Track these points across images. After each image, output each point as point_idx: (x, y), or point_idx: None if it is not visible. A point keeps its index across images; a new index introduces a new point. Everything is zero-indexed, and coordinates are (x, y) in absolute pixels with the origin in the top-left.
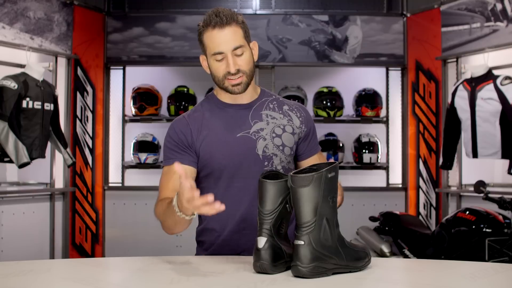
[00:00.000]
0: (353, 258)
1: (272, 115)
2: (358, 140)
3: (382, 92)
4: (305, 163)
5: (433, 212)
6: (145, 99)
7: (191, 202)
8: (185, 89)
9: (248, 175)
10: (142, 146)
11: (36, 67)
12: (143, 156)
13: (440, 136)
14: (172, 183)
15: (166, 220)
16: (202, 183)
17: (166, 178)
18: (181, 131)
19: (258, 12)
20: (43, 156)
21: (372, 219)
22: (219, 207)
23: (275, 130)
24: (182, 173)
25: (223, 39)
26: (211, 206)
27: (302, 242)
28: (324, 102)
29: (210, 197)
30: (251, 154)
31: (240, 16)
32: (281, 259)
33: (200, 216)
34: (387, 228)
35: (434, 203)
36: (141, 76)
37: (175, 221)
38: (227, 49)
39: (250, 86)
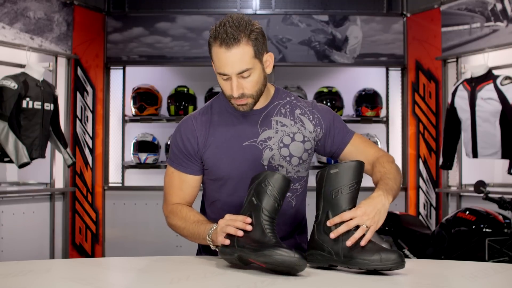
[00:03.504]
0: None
1: (283, 121)
2: None
3: (382, 92)
4: (346, 156)
5: (433, 212)
6: (145, 99)
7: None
8: (185, 89)
9: None
10: (142, 146)
11: (36, 67)
12: (143, 156)
13: (440, 136)
14: (182, 192)
15: (187, 236)
16: (206, 184)
17: (175, 183)
18: (188, 138)
19: (258, 12)
20: (43, 156)
21: None
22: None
23: (283, 140)
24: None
25: (229, 60)
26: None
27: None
28: (324, 102)
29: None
30: (256, 165)
31: (254, 30)
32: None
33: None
34: (387, 228)
35: (434, 203)
36: (141, 76)
37: (196, 240)
38: (232, 72)
39: None
